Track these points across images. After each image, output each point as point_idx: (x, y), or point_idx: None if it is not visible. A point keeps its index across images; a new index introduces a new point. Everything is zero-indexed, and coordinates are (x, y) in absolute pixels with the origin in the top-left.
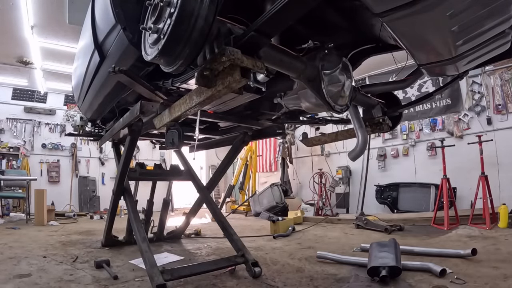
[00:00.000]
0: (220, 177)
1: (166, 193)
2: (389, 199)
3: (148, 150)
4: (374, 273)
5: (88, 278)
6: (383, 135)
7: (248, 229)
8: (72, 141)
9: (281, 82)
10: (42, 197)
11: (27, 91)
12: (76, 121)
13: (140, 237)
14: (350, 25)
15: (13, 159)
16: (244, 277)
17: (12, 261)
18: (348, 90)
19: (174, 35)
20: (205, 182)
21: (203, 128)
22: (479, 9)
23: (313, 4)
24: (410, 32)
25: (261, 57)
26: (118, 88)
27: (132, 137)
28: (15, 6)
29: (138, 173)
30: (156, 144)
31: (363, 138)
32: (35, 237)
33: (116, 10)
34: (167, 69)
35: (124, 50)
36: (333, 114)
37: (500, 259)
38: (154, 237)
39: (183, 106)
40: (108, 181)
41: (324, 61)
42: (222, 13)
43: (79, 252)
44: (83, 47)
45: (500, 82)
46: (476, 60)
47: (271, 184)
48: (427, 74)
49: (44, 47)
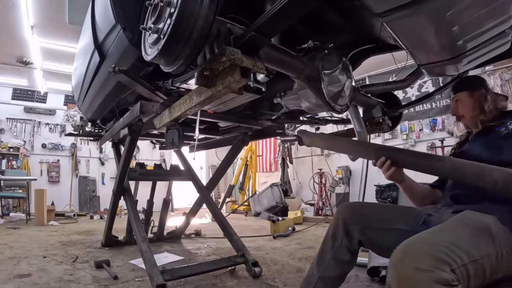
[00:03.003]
0: (220, 177)
1: (166, 193)
2: (389, 199)
3: (148, 150)
4: (374, 273)
5: (88, 278)
6: (383, 135)
7: (248, 229)
8: (72, 141)
9: (281, 82)
10: (42, 197)
11: (27, 91)
12: (76, 121)
13: (140, 237)
14: (350, 25)
15: (13, 159)
16: (244, 277)
17: (12, 261)
18: (348, 90)
19: (174, 35)
20: (205, 182)
21: (203, 128)
22: (479, 9)
23: (314, 4)
24: (410, 32)
25: (261, 57)
26: (118, 88)
27: (132, 137)
28: (15, 6)
29: (138, 173)
30: (156, 144)
31: (363, 138)
32: (35, 237)
33: (116, 10)
34: (167, 69)
35: (124, 50)
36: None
37: None
38: (154, 237)
39: (183, 106)
40: (108, 181)
41: (324, 61)
42: (222, 13)
43: (79, 252)
44: (83, 47)
45: (500, 82)
46: (476, 60)
47: (271, 184)
48: (427, 74)
49: (44, 47)
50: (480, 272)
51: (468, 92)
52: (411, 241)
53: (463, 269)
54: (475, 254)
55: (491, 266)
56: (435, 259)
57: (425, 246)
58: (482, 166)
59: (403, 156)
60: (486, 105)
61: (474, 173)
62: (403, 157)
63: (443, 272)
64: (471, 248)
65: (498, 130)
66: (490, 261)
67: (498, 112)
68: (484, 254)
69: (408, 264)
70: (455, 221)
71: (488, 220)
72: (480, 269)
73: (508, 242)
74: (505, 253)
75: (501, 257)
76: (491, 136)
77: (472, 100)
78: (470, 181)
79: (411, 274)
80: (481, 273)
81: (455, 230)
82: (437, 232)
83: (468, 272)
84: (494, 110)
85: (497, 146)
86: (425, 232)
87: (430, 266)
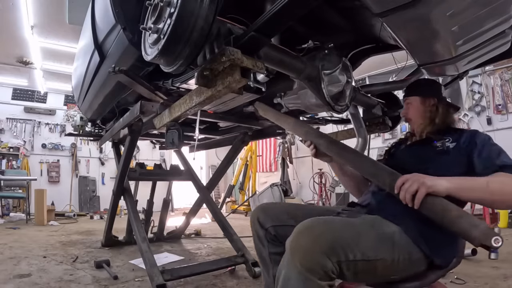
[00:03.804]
0: (220, 177)
1: (166, 193)
2: None
3: (148, 150)
4: None
5: (88, 278)
6: (383, 135)
7: (248, 229)
8: (72, 141)
9: (281, 82)
10: (42, 197)
11: (27, 91)
12: (76, 121)
13: (140, 237)
14: (350, 25)
15: (13, 159)
16: (244, 277)
17: (12, 261)
18: (348, 90)
19: (174, 35)
20: (205, 182)
21: (203, 128)
22: (479, 9)
23: (314, 4)
24: (410, 32)
25: (261, 57)
26: (118, 88)
27: (132, 137)
28: (15, 6)
29: (138, 173)
30: (156, 144)
31: (363, 138)
32: (35, 237)
33: (116, 10)
34: (167, 69)
35: (124, 50)
36: (333, 114)
37: (500, 259)
38: (154, 237)
39: (183, 106)
40: (108, 181)
41: (324, 61)
42: (222, 13)
43: (79, 252)
44: (83, 47)
45: (500, 82)
46: (476, 60)
47: (271, 184)
48: (427, 74)
49: (44, 47)
50: (371, 270)
51: (420, 98)
52: (324, 219)
53: (352, 264)
54: (370, 255)
55: (384, 268)
56: (330, 246)
57: (330, 233)
58: (396, 174)
59: (326, 143)
60: (437, 117)
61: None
62: (326, 144)
63: (328, 260)
64: (369, 249)
65: (434, 144)
66: (384, 264)
67: (444, 126)
68: (379, 258)
69: (309, 237)
70: (366, 221)
71: (394, 229)
72: (372, 268)
73: (406, 251)
74: (402, 260)
75: (397, 263)
76: (426, 148)
77: (423, 108)
78: (379, 185)
79: (307, 245)
80: (372, 271)
81: (362, 229)
82: (347, 226)
83: (357, 267)
84: (441, 124)
85: (427, 159)
86: (339, 221)
87: (323, 248)
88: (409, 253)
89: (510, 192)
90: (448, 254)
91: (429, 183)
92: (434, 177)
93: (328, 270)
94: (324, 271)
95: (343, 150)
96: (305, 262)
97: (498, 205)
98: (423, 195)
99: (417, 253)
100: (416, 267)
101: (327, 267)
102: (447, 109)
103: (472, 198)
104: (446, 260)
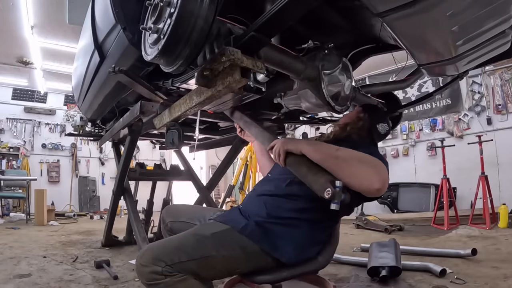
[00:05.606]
0: (220, 177)
1: (166, 193)
2: (389, 199)
3: (148, 150)
4: (374, 273)
5: (88, 278)
6: None
7: None
8: (72, 141)
9: (281, 82)
10: (42, 197)
11: (27, 91)
12: (76, 121)
13: (140, 237)
14: (350, 25)
15: (13, 159)
16: None
17: (12, 261)
18: (348, 90)
19: (174, 35)
20: (205, 182)
21: (203, 128)
22: (479, 9)
23: (314, 5)
24: (410, 32)
25: (261, 57)
26: (118, 88)
27: (132, 137)
28: (15, 6)
29: (138, 173)
30: (156, 144)
31: None
32: (35, 237)
33: (116, 10)
34: (167, 69)
35: (124, 50)
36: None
37: (500, 259)
38: (154, 237)
39: (183, 106)
40: (108, 181)
41: (324, 61)
42: (222, 13)
43: (79, 252)
44: (83, 47)
45: (500, 82)
46: (476, 60)
47: None
48: (427, 74)
49: (44, 47)
50: (210, 266)
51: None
52: (151, 244)
53: (181, 265)
54: (195, 255)
55: (221, 263)
56: (153, 258)
57: (154, 249)
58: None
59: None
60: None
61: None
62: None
63: (157, 266)
64: (193, 251)
65: None
66: (215, 260)
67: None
68: (204, 256)
69: (139, 261)
70: (192, 230)
71: (219, 229)
72: (209, 264)
73: (238, 246)
74: (235, 254)
75: (232, 258)
76: None
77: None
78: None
79: (139, 268)
80: (212, 266)
81: (185, 237)
82: (172, 239)
83: (190, 267)
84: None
85: None
86: (166, 238)
87: (147, 262)
88: (242, 248)
89: (353, 158)
90: (293, 253)
91: (288, 145)
92: (298, 140)
93: (160, 271)
94: (157, 273)
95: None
96: (141, 276)
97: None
98: (283, 154)
99: (252, 247)
100: (260, 261)
101: (159, 271)
102: (366, 129)
103: (318, 158)
104: (289, 257)
